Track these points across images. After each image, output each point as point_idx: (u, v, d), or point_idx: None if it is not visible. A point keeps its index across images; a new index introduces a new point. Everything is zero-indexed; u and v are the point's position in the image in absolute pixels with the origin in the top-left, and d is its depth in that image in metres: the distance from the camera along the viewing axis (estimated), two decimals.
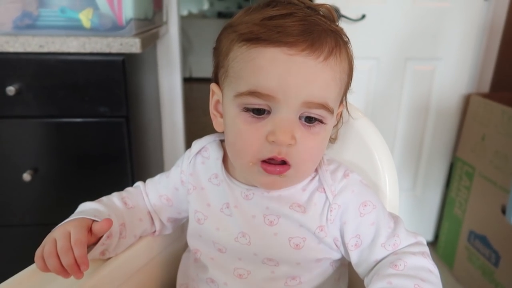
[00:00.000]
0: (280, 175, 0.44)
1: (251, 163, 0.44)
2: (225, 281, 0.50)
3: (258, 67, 0.41)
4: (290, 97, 0.41)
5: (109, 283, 0.49)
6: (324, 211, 0.47)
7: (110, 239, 0.49)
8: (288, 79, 0.41)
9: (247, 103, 0.43)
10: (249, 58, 0.42)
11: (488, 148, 1.31)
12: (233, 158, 0.48)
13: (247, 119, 0.43)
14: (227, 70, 0.46)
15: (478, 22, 1.40)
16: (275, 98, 0.41)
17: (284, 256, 0.48)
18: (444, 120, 1.49)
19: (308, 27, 0.41)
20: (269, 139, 0.42)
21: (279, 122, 0.42)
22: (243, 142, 0.44)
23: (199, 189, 0.53)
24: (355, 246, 0.46)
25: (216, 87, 0.49)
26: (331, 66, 0.43)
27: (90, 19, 0.93)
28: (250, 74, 0.42)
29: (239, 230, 0.49)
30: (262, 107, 0.42)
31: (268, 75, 0.41)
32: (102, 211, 0.50)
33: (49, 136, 0.99)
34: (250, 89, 0.42)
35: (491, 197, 1.29)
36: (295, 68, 0.41)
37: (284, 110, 0.42)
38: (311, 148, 0.44)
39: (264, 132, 0.42)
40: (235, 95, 0.43)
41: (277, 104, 0.41)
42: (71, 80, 0.94)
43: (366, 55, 1.39)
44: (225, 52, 0.46)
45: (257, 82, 0.41)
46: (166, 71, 1.44)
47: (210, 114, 0.51)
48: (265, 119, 0.43)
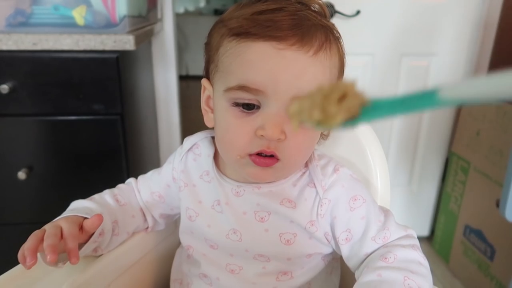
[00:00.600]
0: (268, 167, 0.44)
1: (239, 157, 0.44)
2: (217, 276, 0.50)
3: (247, 62, 0.41)
4: (280, 92, 0.41)
5: (102, 279, 0.49)
6: (314, 206, 0.47)
7: (102, 236, 0.49)
8: (277, 73, 0.41)
9: (236, 97, 0.43)
10: (238, 53, 0.42)
11: (483, 143, 1.31)
12: (222, 152, 0.48)
13: (236, 113, 0.43)
14: (217, 65, 0.46)
15: (473, 17, 1.40)
16: (264, 92, 0.41)
17: (275, 252, 0.48)
18: (440, 115, 1.49)
19: (298, 22, 0.42)
20: (258, 134, 0.42)
21: (268, 116, 0.42)
22: (232, 136, 0.44)
23: (191, 186, 0.53)
24: (346, 240, 0.47)
25: (207, 82, 0.49)
26: (321, 60, 0.42)
27: (84, 16, 0.92)
28: (240, 68, 0.42)
29: (230, 227, 0.49)
30: (252, 102, 0.42)
31: (257, 70, 0.41)
32: (94, 209, 0.50)
33: (44, 134, 0.98)
34: (239, 84, 0.42)
35: (486, 192, 1.30)
36: (285, 62, 0.41)
37: (274, 104, 0.42)
38: (301, 143, 0.44)
39: (254, 127, 0.42)
40: (224, 90, 0.43)
41: (267, 99, 0.41)
42: (65, 77, 0.93)
43: (361, 51, 1.39)
44: (215, 47, 0.46)
45: (246, 77, 0.41)
46: (162, 68, 1.44)
47: (202, 110, 0.51)
48: (254, 114, 0.43)
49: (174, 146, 1.52)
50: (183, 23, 3.95)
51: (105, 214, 0.51)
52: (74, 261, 0.43)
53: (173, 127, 1.52)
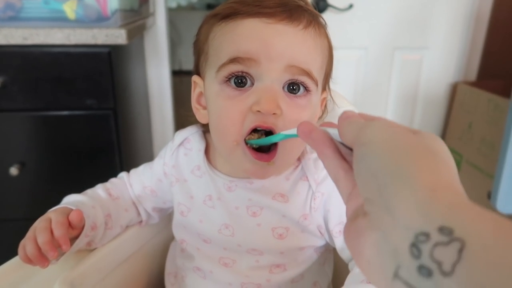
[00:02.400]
0: (268, 162, 0.42)
1: (235, 142, 0.42)
2: (211, 269, 0.51)
3: (238, 36, 0.41)
4: (272, 60, 0.40)
5: (96, 273, 0.49)
6: (307, 199, 0.47)
7: (95, 230, 0.49)
8: (269, 42, 0.40)
9: (228, 73, 0.42)
10: (228, 30, 0.42)
11: (475, 136, 1.33)
12: (217, 141, 0.46)
13: (229, 93, 0.42)
14: (207, 52, 0.45)
15: (465, 11, 1.41)
16: (257, 61, 0.40)
17: (267, 247, 0.48)
18: (432, 108, 1.50)
19: (285, 2, 0.42)
20: (254, 109, 0.40)
21: (262, 91, 0.41)
22: (226, 117, 0.42)
23: (182, 181, 0.53)
24: (340, 233, 0.47)
25: (197, 78, 0.49)
26: (312, 35, 0.43)
27: (75, 10, 0.91)
28: (230, 43, 0.42)
29: (222, 222, 0.49)
30: (244, 75, 0.41)
31: (248, 40, 0.41)
32: (86, 202, 0.50)
33: (36, 130, 0.98)
34: (231, 57, 0.41)
35: (478, 184, 1.31)
36: (276, 33, 0.41)
37: (267, 77, 0.41)
38: (298, 121, 0.43)
39: (248, 104, 0.41)
40: (216, 71, 0.43)
41: (259, 70, 0.41)
42: (56, 72, 0.92)
43: (354, 45, 1.39)
44: (205, 37, 0.46)
45: (237, 48, 0.41)
46: (154, 63, 1.43)
47: (193, 109, 0.50)
48: (247, 91, 0.41)
49: (167, 141, 1.50)
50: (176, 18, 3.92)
51: (97, 208, 0.50)
52: (65, 248, 0.43)
53: (166, 122, 1.51)
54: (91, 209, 0.49)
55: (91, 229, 0.48)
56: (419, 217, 0.19)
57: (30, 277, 0.47)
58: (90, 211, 0.49)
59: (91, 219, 0.49)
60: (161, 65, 1.44)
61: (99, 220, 0.50)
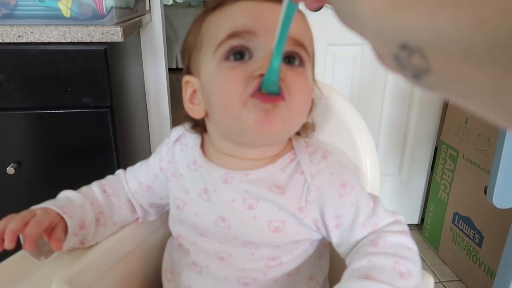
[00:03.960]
0: (274, 104, 0.42)
1: (242, 103, 0.42)
2: (207, 263, 0.51)
3: (232, 14, 0.44)
4: (269, 31, 0.42)
5: (94, 270, 0.49)
6: (303, 192, 0.47)
7: (84, 229, 0.49)
8: (264, 14, 0.43)
9: (228, 47, 0.43)
10: (223, 13, 0.45)
11: (471, 131, 1.33)
12: (220, 110, 0.45)
13: (229, 65, 0.43)
14: (202, 41, 0.47)
15: None
16: (255, 33, 0.42)
17: (263, 239, 0.48)
18: (428, 104, 1.50)
19: None
20: (256, 74, 0.41)
21: (262, 58, 0.42)
22: (228, 83, 0.43)
23: (178, 176, 0.53)
24: (336, 227, 0.47)
25: (189, 77, 0.49)
26: (300, 14, 0.46)
27: (70, 8, 0.91)
28: (226, 21, 0.44)
29: (218, 215, 0.49)
30: (243, 50, 0.43)
31: (244, 15, 0.44)
32: (75, 201, 0.51)
33: (32, 129, 0.97)
34: (229, 32, 0.43)
35: (475, 179, 1.32)
36: (269, 8, 0.44)
37: (266, 46, 0.42)
38: (301, 85, 0.45)
39: (249, 71, 0.42)
40: (214, 50, 0.44)
41: (258, 42, 0.42)
42: (52, 70, 0.92)
43: (350, 42, 1.39)
44: (196, 31, 0.48)
45: (234, 24, 0.43)
46: (151, 60, 1.43)
47: (185, 109, 0.50)
48: (247, 62, 0.43)
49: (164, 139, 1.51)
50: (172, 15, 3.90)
51: (86, 206, 0.51)
52: (26, 247, 0.43)
53: (163, 120, 1.51)
54: (78, 208, 0.50)
55: (79, 228, 0.49)
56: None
57: (28, 275, 0.48)
58: (76, 210, 0.50)
59: (78, 218, 0.49)
60: (158, 62, 1.44)
61: (88, 218, 0.50)
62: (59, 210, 0.48)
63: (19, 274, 0.47)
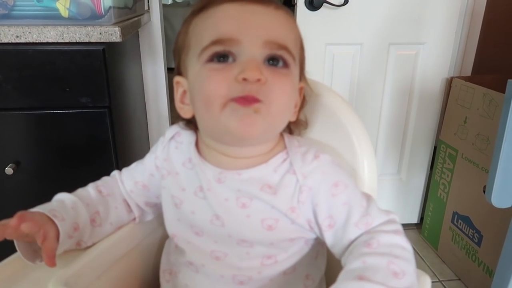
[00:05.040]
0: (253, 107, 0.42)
1: (221, 106, 0.43)
2: (202, 263, 0.51)
3: (217, 19, 0.45)
4: (252, 37, 0.43)
5: (92, 271, 0.49)
6: (295, 193, 0.47)
7: (78, 231, 0.49)
8: (247, 21, 0.44)
9: (211, 53, 0.44)
10: (207, 17, 0.46)
11: (470, 131, 1.33)
12: (202, 111, 0.46)
13: (212, 67, 0.44)
14: (189, 44, 0.48)
15: (460, 6, 1.41)
16: (237, 40, 0.43)
17: (257, 237, 0.48)
18: (428, 104, 1.50)
19: None
20: (239, 78, 0.42)
21: (245, 62, 0.43)
22: (210, 84, 0.44)
23: (174, 174, 0.53)
24: (329, 227, 0.47)
25: (179, 77, 0.51)
26: (283, 15, 0.47)
27: (68, 8, 0.91)
28: (211, 27, 0.45)
29: (213, 213, 0.49)
30: (226, 53, 0.44)
31: (227, 22, 0.44)
32: (67, 204, 0.51)
33: (31, 129, 0.97)
34: (213, 39, 0.44)
35: (474, 179, 1.32)
36: (251, 13, 0.45)
37: (249, 51, 0.43)
38: (282, 86, 0.45)
39: (232, 75, 0.43)
40: (199, 54, 0.45)
41: (241, 48, 0.43)
42: (50, 70, 0.92)
43: (349, 41, 1.39)
44: (184, 33, 0.49)
45: (218, 31, 0.44)
46: (150, 60, 1.43)
47: (177, 109, 0.52)
48: (230, 65, 0.44)
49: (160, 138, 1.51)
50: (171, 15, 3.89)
51: (80, 207, 0.51)
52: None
53: (162, 120, 1.51)
54: (70, 210, 0.50)
55: (73, 230, 0.49)
56: None
57: (25, 276, 0.48)
58: (68, 212, 0.49)
59: (71, 220, 0.49)
60: (157, 62, 1.44)
61: (82, 220, 0.50)
62: (49, 214, 0.47)
63: (16, 276, 0.47)
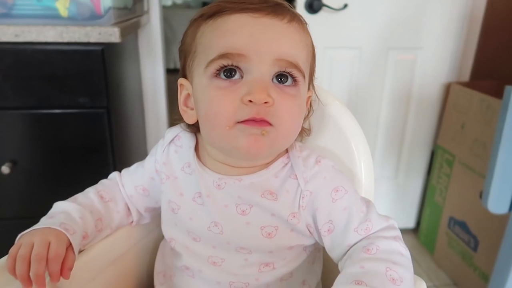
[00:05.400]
0: (262, 128, 0.42)
1: (227, 127, 0.42)
2: (199, 268, 0.51)
3: (226, 31, 0.43)
4: (261, 54, 0.42)
5: (87, 272, 0.49)
6: (296, 197, 0.47)
7: (86, 239, 0.49)
8: (257, 36, 0.42)
9: (218, 67, 0.42)
10: (216, 26, 0.44)
11: (467, 136, 1.33)
12: (208, 129, 0.46)
13: (219, 84, 0.43)
14: (195, 51, 0.46)
15: (459, 12, 1.41)
16: (246, 56, 0.41)
17: (256, 245, 0.48)
18: (425, 108, 1.51)
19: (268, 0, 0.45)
20: (245, 100, 0.41)
21: (253, 82, 0.42)
22: (217, 106, 0.43)
23: (173, 178, 0.53)
24: (328, 232, 0.47)
25: (184, 80, 0.49)
26: (296, 28, 0.45)
27: (67, 8, 0.91)
28: (219, 39, 0.43)
29: (211, 220, 0.49)
30: (234, 68, 0.42)
31: (237, 36, 0.42)
32: (73, 215, 0.49)
33: (28, 128, 0.97)
34: (220, 53, 0.42)
35: (470, 184, 1.32)
36: (263, 27, 0.42)
37: (257, 69, 0.42)
38: (290, 108, 0.44)
39: (239, 95, 0.42)
40: (205, 66, 0.43)
41: (249, 64, 0.42)
42: (49, 70, 0.92)
43: (348, 45, 1.40)
44: (192, 37, 0.47)
45: (226, 44, 0.42)
46: (148, 61, 1.43)
47: (180, 111, 0.51)
48: (237, 83, 0.42)
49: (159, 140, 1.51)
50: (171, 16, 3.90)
51: (86, 216, 0.50)
52: (54, 282, 0.42)
53: (160, 121, 1.51)
54: (78, 221, 0.49)
55: (82, 239, 0.48)
56: None
57: None
58: (77, 224, 0.49)
59: (81, 230, 0.48)
60: (156, 63, 1.44)
61: (90, 228, 0.50)
62: (61, 228, 0.46)
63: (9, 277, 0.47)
